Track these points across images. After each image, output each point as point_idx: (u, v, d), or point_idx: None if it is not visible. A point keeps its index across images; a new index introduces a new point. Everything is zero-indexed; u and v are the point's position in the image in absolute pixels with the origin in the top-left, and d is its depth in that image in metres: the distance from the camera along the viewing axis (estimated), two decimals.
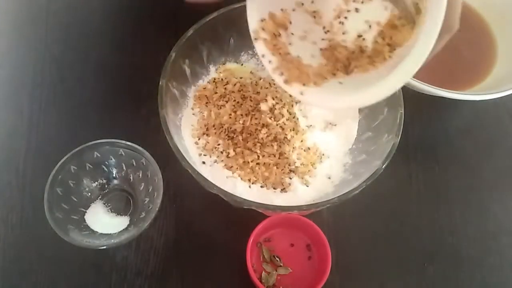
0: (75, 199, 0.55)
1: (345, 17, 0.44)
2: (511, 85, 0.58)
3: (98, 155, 0.56)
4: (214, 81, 0.59)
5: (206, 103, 0.57)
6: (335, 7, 0.43)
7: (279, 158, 0.53)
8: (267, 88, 0.56)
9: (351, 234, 0.58)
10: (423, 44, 0.36)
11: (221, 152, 0.54)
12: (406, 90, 0.52)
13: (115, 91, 0.66)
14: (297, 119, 0.54)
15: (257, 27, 0.45)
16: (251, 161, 0.52)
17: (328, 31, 0.45)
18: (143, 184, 0.57)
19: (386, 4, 0.41)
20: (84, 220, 0.55)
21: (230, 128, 0.54)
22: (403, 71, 0.38)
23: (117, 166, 0.57)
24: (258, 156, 0.53)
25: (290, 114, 0.54)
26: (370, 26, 0.42)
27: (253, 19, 0.45)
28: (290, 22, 0.45)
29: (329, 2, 0.44)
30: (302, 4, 0.45)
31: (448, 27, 0.38)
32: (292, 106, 0.55)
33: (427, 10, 0.36)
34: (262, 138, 0.53)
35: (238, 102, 0.56)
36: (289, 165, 0.53)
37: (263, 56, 0.46)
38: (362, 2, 0.42)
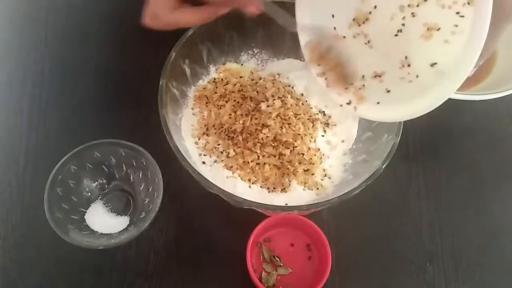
0: (75, 199, 0.55)
1: (403, 24, 0.42)
2: (511, 85, 0.58)
3: (98, 155, 0.56)
4: (214, 81, 0.59)
5: (206, 103, 0.57)
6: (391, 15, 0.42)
7: (279, 158, 0.53)
8: (267, 88, 0.56)
9: (351, 234, 0.58)
10: (476, 34, 0.34)
11: (221, 152, 0.54)
12: None
13: (115, 91, 0.66)
14: (298, 119, 0.54)
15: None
16: (251, 161, 0.52)
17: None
18: (143, 184, 0.57)
19: (442, 2, 0.39)
20: (84, 220, 0.55)
21: (230, 128, 0.54)
22: (462, 66, 0.37)
23: (117, 166, 0.57)
24: (258, 156, 0.53)
25: (290, 114, 0.54)
26: (428, 29, 0.41)
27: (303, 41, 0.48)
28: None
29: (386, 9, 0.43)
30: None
31: (506, 13, 0.36)
32: (293, 104, 0.55)
33: None
34: (262, 138, 0.53)
35: (238, 102, 0.56)
36: (289, 165, 0.53)
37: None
38: (418, 6, 0.40)
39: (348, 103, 0.49)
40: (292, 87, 0.57)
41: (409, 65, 0.43)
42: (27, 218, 0.58)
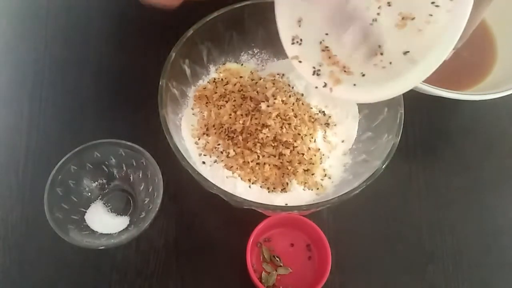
0: (75, 199, 0.55)
1: (378, 14, 0.43)
2: (511, 85, 0.58)
3: (98, 155, 0.56)
4: (214, 81, 0.59)
5: (206, 103, 0.57)
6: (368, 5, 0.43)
7: (279, 158, 0.53)
8: (267, 88, 0.56)
9: (351, 234, 0.58)
10: (459, 15, 0.36)
11: (221, 152, 0.54)
12: None
13: (115, 91, 0.66)
14: (298, 119, 0.54)
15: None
16: (251, 161, 0.52)
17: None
18: (143, 184, 0.57)
19: None
20: (84, 220, 0.55)
21: (230, 128, 0.54)
22: (436, 53, 0.39)
23: (117, 166, 0.57)
24: (258, 156, 0.53)
25: (291, 114, 0.54)
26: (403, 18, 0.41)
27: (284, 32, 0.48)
28: None
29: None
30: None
31: None
32: (293, 104, 0.55)
33: None
34: (262, 138, 0.53)
35: (238, 102, 0.56)
36: (289, 165, 0.53)
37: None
38: None
39: (324, 86, 0.49)
40: (292, 87, 0.57)
41: (381, 54, 0.44)
42: (27, 218, 0.58)
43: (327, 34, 0.47)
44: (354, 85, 0.47)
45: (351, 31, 0.45)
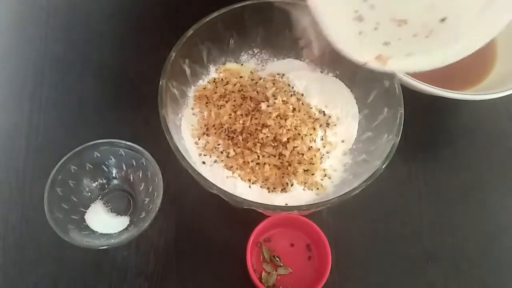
0: (75, 199, 0.55)
1: None
2: (511, 85, 0.58)
3: (98, 155, 0.56)
4: (214, 81, 0.59)
5: (206, 103, 0.57)
6: None
7: (279, 158, 0.53)
8: (267, 88, 0.56)
9: (351, 234, 0.58)
10: None
11: (221, 152, 0.54)
12: (406, 90, 0.52)
13: (115, 91, 0.66)
14: (298, 119, 0.54)
15: None
16: (251, 161, 0.52)
17: None
18: (143, 184, 0.57)
19: None
20: (84, 220, 0.55)
21: (230, 128, 0.54)
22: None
23: (117, 166, 0.57)
24: (258, 156, 0.53)
25: (291, 114, 0.54)
26: None
27: None
28: None
29: None
30: None
31: None
32: (293, 104, 0.55)
33: None
34: (262, 138, 0.53)
35: (238, 102, 0.56)
36: (289, 165, 0.53)
37: None
38: None
39: (376, 58, 0.48)
40: (292, 87, 0.57)
41: (406, 23, 0.44)
42: (27, 218, 0.58)
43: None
44: (408, 55, 0.46)
45: None
